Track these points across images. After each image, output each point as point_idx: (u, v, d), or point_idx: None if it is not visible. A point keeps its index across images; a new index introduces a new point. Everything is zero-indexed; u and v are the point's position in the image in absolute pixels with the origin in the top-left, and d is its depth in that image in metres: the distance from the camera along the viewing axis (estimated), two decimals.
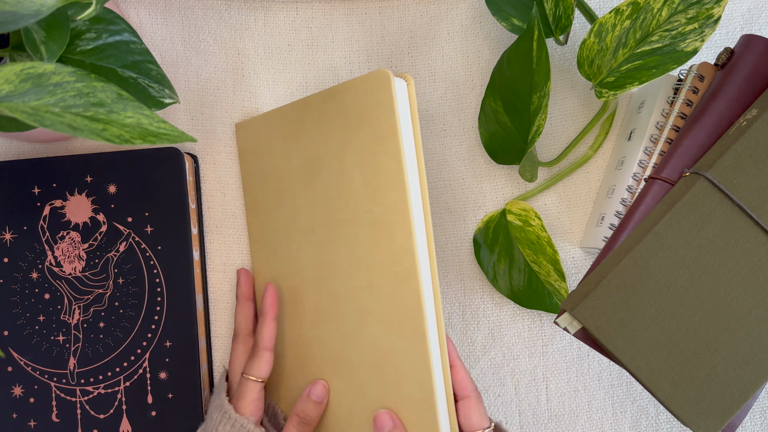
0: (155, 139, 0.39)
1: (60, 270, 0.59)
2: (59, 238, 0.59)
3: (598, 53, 0.53)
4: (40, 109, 0.36)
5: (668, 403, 0.46)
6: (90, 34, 0.48)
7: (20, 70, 0.37)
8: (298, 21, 0.62)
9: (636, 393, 0.61)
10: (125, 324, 0.58)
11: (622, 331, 0.46)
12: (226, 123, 0.62)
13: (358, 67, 0.62)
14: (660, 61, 0.51)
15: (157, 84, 0.51)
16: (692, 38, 0.50)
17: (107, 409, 0.58)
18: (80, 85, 0.38)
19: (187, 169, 0.59)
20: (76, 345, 0.59)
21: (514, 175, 0.61)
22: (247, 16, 0.62)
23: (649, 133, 0.55)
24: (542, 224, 0.59)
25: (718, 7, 0.49)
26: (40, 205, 0.59)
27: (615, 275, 0.47)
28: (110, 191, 0.59)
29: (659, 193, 0.51)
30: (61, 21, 0.43)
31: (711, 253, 0.47)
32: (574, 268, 0.61)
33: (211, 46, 0.62)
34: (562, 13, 0.54)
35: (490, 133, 0.59)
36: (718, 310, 0.46)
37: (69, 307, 0.59)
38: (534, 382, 0.61)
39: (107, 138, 0.37)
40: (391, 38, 0.62)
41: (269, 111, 0.58)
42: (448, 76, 0.61)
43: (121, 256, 0.59)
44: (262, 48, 0.62)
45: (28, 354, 0.59)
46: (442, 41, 0.61)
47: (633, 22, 0.51)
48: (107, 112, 0.38)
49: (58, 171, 0.59)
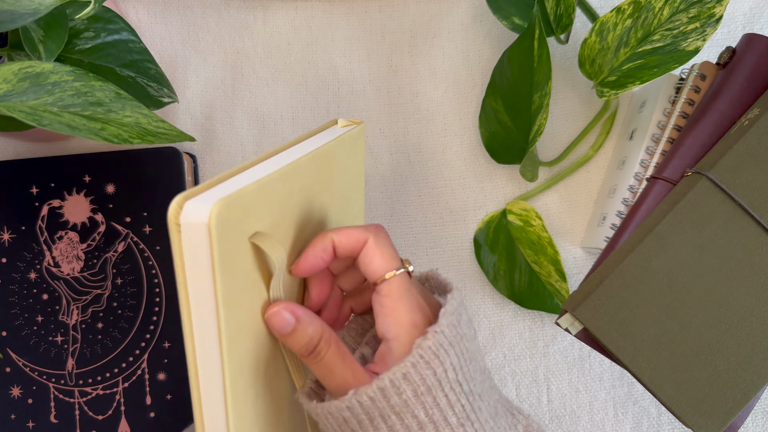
0: (154, 139, 0.39)
1: (58, 270, 0.59)
2: (57, 238, 0.59)
3: (600, 52, 0.53)
4: (38, 109, 0.36)
5: (670, 404, 0.46)
6: (88, 33, 0.48)
7: (18, 70, 0.37)
8: (298, 19, 0.62)
9: (638, 394, 0.61)
10: (124, 325, 0.58)
11: (624, 331, 0.46)
12: (225, 122, 0.62)
13: (358, 65, 0.61)
14: (661, 60, 0.51)
15: (156, 83, 0.51)
16: (694, 37, 0.50)
17: (106, 410, 0.58)
18: (78, 84, 0.38)
19: (185, 168, 0.59)
20: (75, 346, 0.58)
21: (515, 174, 0.61)
22: (247, 14, 0.61)
23: (650, 133, 0.54)
24: (543, 224, 0.58)
25: (720, 6, 0.49)
26: (38, 205, 0.59)
27: (616, 276, 0.46)
28: (108, 191, 0.59)
29: (661, 193, 0.51)
30: (59, 20, 0.43)
31: (713, 254, 0.47)
32: (576, 269, 0.60)
33: (210, 45, 0.62)
34: (563, 11, 0.54)
35: (491, 132, 0.58)
36: (720, 311, 0.46)
37: (67, 308, 0.59)
38: (535, 383, 0.61)
39: (105, 137, 0.37)
40: (392, 37, 0.61)
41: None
42: (448, 75, 0.61)
43: (120, 257, 0.58)
44: (262, 47, 0.62)
45: (27, 355, 0.58)
46: (443, 40, 0.61)
47: (634, 21, 0.51)
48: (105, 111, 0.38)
49: (56, 171, 0.59)
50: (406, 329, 0.38)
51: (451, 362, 0.37)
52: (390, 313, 0.39)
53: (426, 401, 0.37)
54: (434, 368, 0.36)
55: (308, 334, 0.38)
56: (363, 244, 0.40)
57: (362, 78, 0.62)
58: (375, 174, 0.61)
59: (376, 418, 0.37)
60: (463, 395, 0.38)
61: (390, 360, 0.38)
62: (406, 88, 0.61)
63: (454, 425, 0.37)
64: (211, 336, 0.35)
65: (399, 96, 0.61)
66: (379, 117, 0.61)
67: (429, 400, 0.37)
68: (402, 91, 0.61)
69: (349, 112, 0.61)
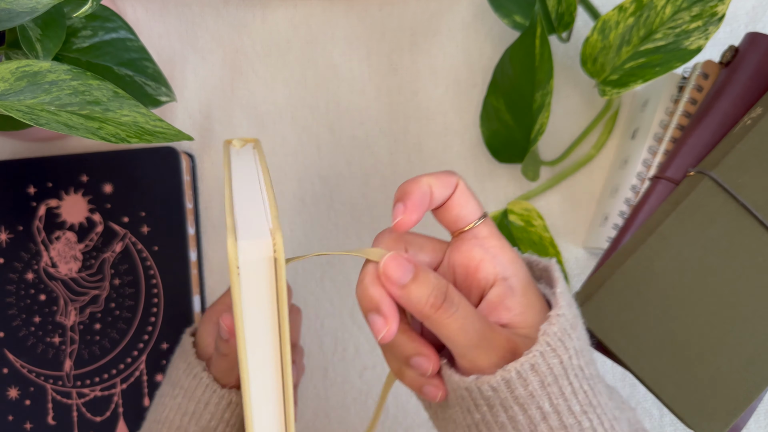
0: (151, 138, 0.38)
1: (56, 271, 0.58)
2: (55, 238, 0.58)
3: (602, 51, 0.52)
4: (36, 108, 0.36)
5: (672, 405, 0.46)
6: (86, 31, 0.48)
7: (16, 68, 0.36)
8: (297, 17, 0.61)
9: (640, 395, 0.60)
10: (122, 326, 0.58)
11: (626, 333, 0.46)
12: (224, 122, 0.61)
13: (357, 64, 0.61)
14: (664, 59, 0.50)
15: (154, 82, 0.51)
16: (696, 36, 0.50)
17: (104, 411, 0.58)
18: (76, 83, 0.38)
19: (184, 168, 0.58)
20: (72, 347, 0.58)
21: (517, 174, 0.61)
22: (245, 12, 0.61)
23: (653, 132, 0.54)
24: (545, 224, 0.58)
25: (722, 4, 0.49)
26: (36, 204, 0.58)
27: (619, 277, 0.46)
28: (106, 191, 0.58)
29: (663, 193, 0.51)
30: (57, 18, 0.43)
31: (716, 254, 0.47)
32: (577, 269, 0.60)
33: (209, 44, 0.61)
34: (564, 9, 0.54)
35: (492, 131, 0.58)
36: (723, 312, 0.46)
37: (65, 309, 0.58)
38: None
39: (103, 137, 0.36)
40: (392, 35, 0.61)
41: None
42: (449, 73, 0.61)
43: (117, 257, 0.58)
44: (261, 45, 0.61)
45: (24, 356, 0.58)
46: (443, 38, 0.61)
47: (637, 19, 0.50)
48: (103, 110, 0.38)
49: (53, 170, 0.59)
50: (520, 264, 0.36)
51: (574, 347, 0.34)
52: (499, 252, 0.36)
53: (552, 392, 0.34)
54: (560, 356, 0.33)
55: (431, 281, 0.34)
56: (454, 187, 0.37)
57: (362, 76, 0.61)
58: (375, 174, 0.61)
59: (496, 406, 0.34)
60: (585, 381, 0.35)
61: (512, 301, 0.35)
62: (406, 87, 0.61)
63: (578, 413, 0.34)
64: (272, 370, 0.35)
65: (399, 95, 0.61)
66: (378, 116, 0.61)
67: (555, 390, 0.34)
68: (402, 90, 0.61)
69: (349, 111, 0.61)
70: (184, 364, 0.48)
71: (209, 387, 0.46)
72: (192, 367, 0.47)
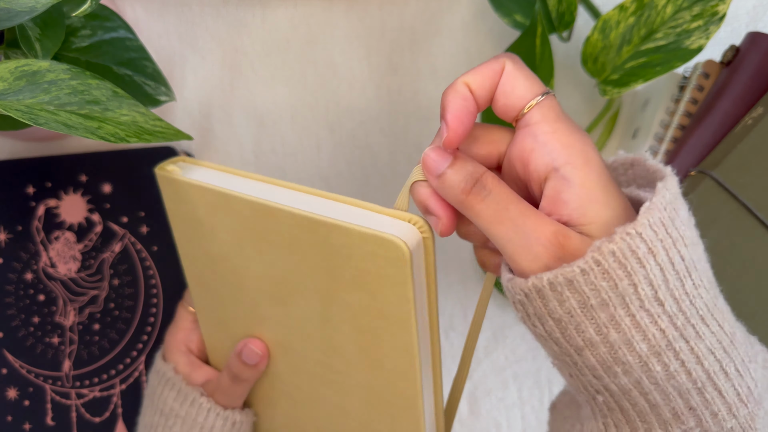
0: (151, 138, 0.38)
1: (55, 271, 0.58)
2: (54, 238, 0.58)
3: (602, 50, 0.52)
4: (35, 107, 0.36)
5: None
6: (85, 31, 0.48)
7: (15, 68, 0.36)
8: (297, 17, 0.61)
9: None
10: (121, 326, 0.58)
11: None
12: (224, 121, 0.61)
13: (357, 63, 0.61)
14: (665, 58, 0.50)
15: (153, 81, 0.51)
16: (697, 35, 0.49)
17: (102, 412, 0.58)
18: (75, 82, 0.38)
19: None
20: (72, 347, 0.58)
21: None
22: (245, 12, 0.61)
23: (653, 132, 0.54)
24: None
25: (723, 4, 0.49)
26: (35, 204, 0.58)
27: None
28: (105, 191, 0.58)
29: None
30: (56, 18, 0.43)
31: (717, 254, 0.46)
32: None
33: (208, 43, 0.61)
34: (565, 9, 0.54)
35: None
36: None
37: (64, 309, 0.58)
38: (537, 385, 0.60)
39: (102, 136, 0.36)
40: (392, 34, 0.61)
41: (207, 186, 0.41)
42: (449, 73, 0.61)
43: (117, 257, 0.58)
44: (260, 44, 0.61)
45: (23, 356, 0.58)
46: (444, 38, 0.61)
47: (637, 18, 0.50)
48: (102, 110, 0.38)
49: (52, 170, 0.59)
50: (578, 149, 0.31)
51: (646, 275, 0.28)
52: (550, 138, 0.31)
53: (599, 316, 0.29)
54: (616, 280, 0.28)
55: (468, 168, 0.32)
56: (500, 73, 0.32)
57: (362, 76, 0.61)
58: (375, 173, 0.61)
59: (531, 316, 0.31)
60: (664, 317, 0.29)
61: (568, 194, 0.30)
62: (406, 87, 0.61)
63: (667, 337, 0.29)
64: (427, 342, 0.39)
65: (399, 94, 0.61)
66: (379, 115, 0.61)
67: (603, 315, 0.29)
68: (402, 90, 0.61)
69: (349, 111, 0.61)
70: (173, 392, 0.47)
71: (212, 411, 0.46)
72: (186, 394, 0.47)
